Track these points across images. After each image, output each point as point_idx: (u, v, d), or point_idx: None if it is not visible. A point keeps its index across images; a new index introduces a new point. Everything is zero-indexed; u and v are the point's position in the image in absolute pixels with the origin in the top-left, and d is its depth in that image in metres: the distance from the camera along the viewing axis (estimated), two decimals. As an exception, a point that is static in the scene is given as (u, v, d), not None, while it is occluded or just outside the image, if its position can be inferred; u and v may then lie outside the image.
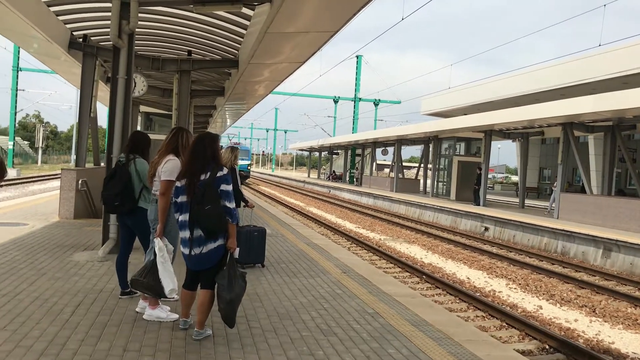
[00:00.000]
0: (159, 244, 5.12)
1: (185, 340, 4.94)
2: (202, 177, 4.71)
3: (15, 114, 45.53)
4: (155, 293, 5.25)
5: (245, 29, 12.42)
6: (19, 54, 41.98)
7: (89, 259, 8.18)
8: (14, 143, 46.55)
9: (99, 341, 4.75)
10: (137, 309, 5.68)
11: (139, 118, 27.00)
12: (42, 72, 40.65)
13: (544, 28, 70.83)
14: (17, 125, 63.51)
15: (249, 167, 52.83)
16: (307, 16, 9.56)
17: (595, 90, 21.95)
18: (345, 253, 10.68)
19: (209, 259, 4.77)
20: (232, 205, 4.71)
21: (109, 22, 9.02)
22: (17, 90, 43.88)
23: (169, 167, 5.22)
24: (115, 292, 6.34)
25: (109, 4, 9.07)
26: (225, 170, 4.77)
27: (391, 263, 14.48)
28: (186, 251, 4.83)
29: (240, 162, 46.67)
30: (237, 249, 4.83)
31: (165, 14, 12.35)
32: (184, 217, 4.79)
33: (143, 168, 5.76)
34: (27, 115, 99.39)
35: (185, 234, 4.80)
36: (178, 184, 4.88)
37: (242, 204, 8.88)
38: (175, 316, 5.41)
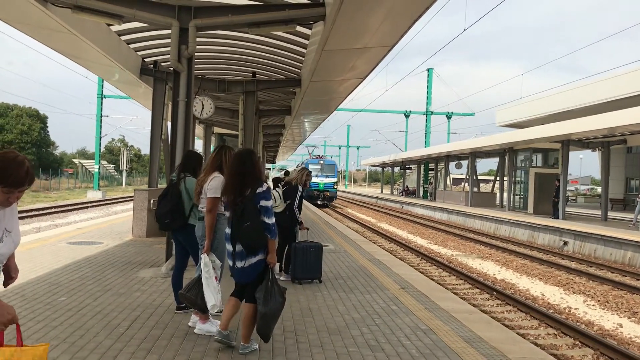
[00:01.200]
0: (204, 259, 5.24)
1: (231, 354, 5.00)
2: (245, 193, 4.79)
3: (100, 139, 48.21)
4: (199, 308, 5.37)
5: (305, 48, 12.60)
6: (102, 82, 44.55)
7: (153, 275, 8.49)
8: (99, 167, 49.22)
9: (149, 354, 4.90)
10: (189, 324, 5.82)
11: (213, 138, 27.96)
12: (123, 99, 42.88)
13: (624, 29, 67.41)
14: (103, 149, 67.31)
15: (335, 186, 45.02)
16: (362, 32, 9.58)
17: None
18: (407, 269, 10.50)
19: (250, 272, 4.84)
20: (270, 221, 4.76)
21: (173, 47, 9.43)
22: (101, 116, 46.53)
23: (214, 184, 5.35)
24: (171, 308, 6.52)
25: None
26: (265, 187, 4.83)
27: (461, 279, 14.08)
28: (231, 264, 4.94)
29: (324, 180, 43.05)
30: (277, 264, 4.88)
31: (228, 37, 12.76)
32: (228, 231, 4.92)
33: (192, 186, 5.93)
34: (113, 139, 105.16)
35: (229, 247, 4.92)
36: (223, 199, 5.01)
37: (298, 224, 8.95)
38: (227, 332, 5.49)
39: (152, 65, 14.10)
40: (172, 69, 14.39)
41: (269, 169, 75.77)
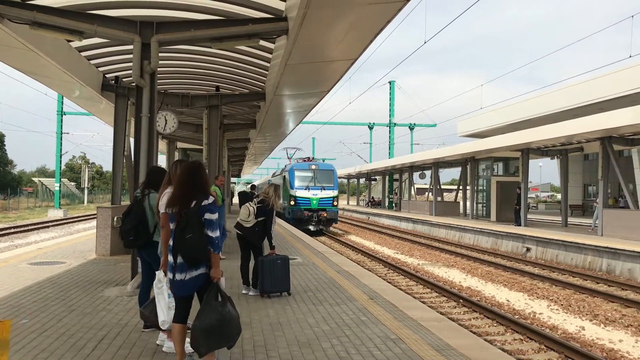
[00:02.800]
0: (158, 275, 5.15)
1: (201, 371, 4.94)
2: (190, 205, 4.72)
3: (61, 157, 47.18)
4: (154, 324, 5.29)
5: (269, 62, 12.65)
6: (62, 99, 43.69)
7: (118, 294, 8.34)
8: (60, 185, 48.10)
9: (116, 375, 4.81)
10: (157, 342, 5.73)
11: (176, 153, 27.68)
12: (84, 115, 42.11)
13: (577, 40, 69.81)
14: (64, 167, 65.84)
15: (335, 203, 30.17)
16: (325, 46, 9.69)
17: (635, 103, 21.36)
18: (375, 279, 10.56)
19: (190, 285, 4.74)
20: (214, 234, 4.68)
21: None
22: (62, 133, 45.56)
23: (165, 199, 5.29)
24: (139, 326, 6.41)
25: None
26: (210, 199, 4.77)
27: (428, 288, 14.23)
28: (171, 276, 4.84)
29: (319, 194, 29.66)
30: (223, 279, 4.80)
31: (191, 52, 12.71)
32: (171, 243, 4.84)
33: (155, 202, 5.87)
34: (74, 157, 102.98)
35: (170, 259, 4.83)
36: (169, 211, 4.90)
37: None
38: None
39: (113, 81, 13.94)
40: (134, 84, 14.28)
41: (234, 183, 75.23)
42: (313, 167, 30.86)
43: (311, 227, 28.98)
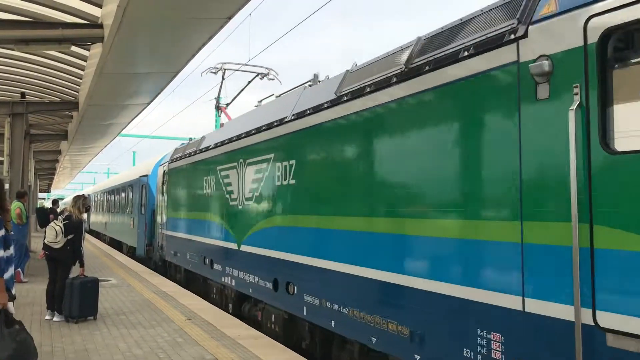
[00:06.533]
0: None
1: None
2: None
3: None
4: None
5: (83, 70, 11.87)
6: None
7: None
8: None
9: None
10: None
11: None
12: None
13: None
14: None
15: None
16: (144, 57, 9.36)
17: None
18: (194, 299, 10.30)
19: None
20: None
21: None
22: None
23: None
24: None
25: None
26: None
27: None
28: None
29: None
30: (11, 304, 4.37)
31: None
32: None
33: None
34: None
35: None
36: None
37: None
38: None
39: None
40: None
41: (43, 198, 69.07)
42: None
43: None
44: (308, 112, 6.72)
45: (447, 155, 4.38)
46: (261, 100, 9.52)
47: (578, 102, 3.24)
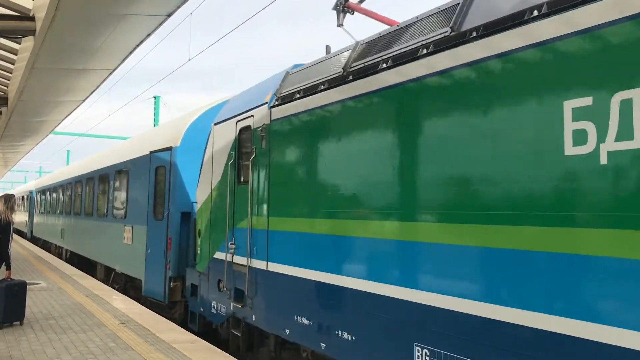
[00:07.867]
0: None
1: None
2: None
3: None
4: None
5: (14, 64, 11.35)
6: None
7: None
8: None
9: None
10: None
11: None
12: None
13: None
14: None
15: None
16: (79, 52, 9.02)
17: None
18: (129, 303, 10.03)
19: None
20: None
21: None
22: None
23: None
24: None
25: None
26: None
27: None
28: None
29: None
30: None
31: None
32: None
33: None
34: None
35: None
36: None
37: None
38: None
39: None
40: None
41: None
42: None
43: None
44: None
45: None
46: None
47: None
